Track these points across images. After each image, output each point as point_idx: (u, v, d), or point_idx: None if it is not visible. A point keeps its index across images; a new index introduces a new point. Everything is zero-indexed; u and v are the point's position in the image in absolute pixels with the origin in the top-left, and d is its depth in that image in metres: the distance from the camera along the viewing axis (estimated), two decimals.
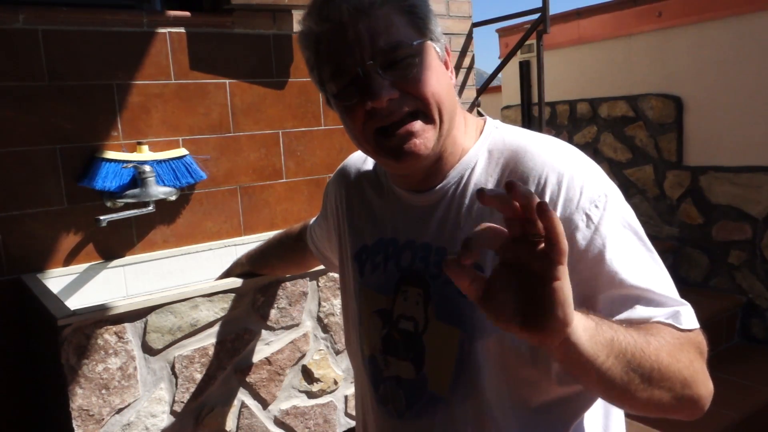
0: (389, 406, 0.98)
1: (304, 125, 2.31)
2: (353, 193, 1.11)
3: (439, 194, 0.95)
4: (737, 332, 3.33)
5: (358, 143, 0.93)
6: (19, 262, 1.80)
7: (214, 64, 2.10)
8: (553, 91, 4.02)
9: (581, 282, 0.80)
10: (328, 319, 1.68)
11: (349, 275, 1.08)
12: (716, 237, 3.41)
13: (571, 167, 0.87)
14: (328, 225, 1.22)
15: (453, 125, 0.92)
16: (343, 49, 0.84)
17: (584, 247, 0.82)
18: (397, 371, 0.97)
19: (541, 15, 3.30)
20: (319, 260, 1.36)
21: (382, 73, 0.84)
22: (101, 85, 1.91)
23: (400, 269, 0.97)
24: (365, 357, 1.04)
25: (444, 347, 0.91)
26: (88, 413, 1.36)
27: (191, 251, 2.08)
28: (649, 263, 0.85)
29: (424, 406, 0.94)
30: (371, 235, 1.04)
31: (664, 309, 0.81)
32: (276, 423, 1.62)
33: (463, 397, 0.90)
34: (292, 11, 2.22)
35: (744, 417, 2.60)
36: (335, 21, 0.84)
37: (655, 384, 0.74)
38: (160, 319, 1.43)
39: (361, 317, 1.04)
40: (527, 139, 0.93)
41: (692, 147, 3.50)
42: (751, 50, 3.18)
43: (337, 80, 0.87)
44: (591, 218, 0.83)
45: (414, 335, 0.94)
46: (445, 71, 0.91)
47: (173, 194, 2.00)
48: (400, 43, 0.84)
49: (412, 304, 0.95)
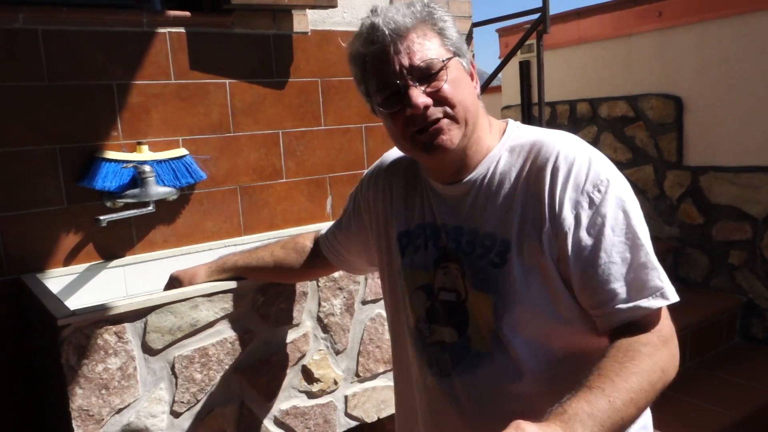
0: (434, 368, 1.15)
1: (304, 125, 2.31)
2: (394, 185, 1.26)
3: (468, 185, 1.12)
4: (737, 332, 3.33)
5: (398, 143, 1.12)
6: (18, 262, 1.80)
7: (214, 64, 2.10)
8: (553, 91, 4.02)
9: (580, 253, 0.99)
10: (328, 319, 1.68)
11: (393, 258, 1.24)
12: (716, 237, 3.41)
13: (580, 154, 1.04)
14: (360, 223, 1.36)
15: (477, 127, 1.09)
16: (387, 66, 1.04)
17: (586, 225, 1.00)
18: (440, 337, 1.14)
19: (541, 15, 3.30)
20: (338, 266, 1.48)
21: (418, 86, 1.03)
22: (101, 85, 1.91)
23: (438, 249, 1.14)
24: (410, 327, 1.20)
25: (483, 311, 1.08)
26: (88, 413, 1.36)
27: (191, 251, 2.08)
28: (627, 249, 0.99)
29: (468, 364, 1.11)
30: (411, 221, 1.21)
31: (623, 306, 0.97)
32: (276, 423, 1.62)
33: (502, 352, 1.07)
34: (292, 11, 2.23)
35: (744, 417, 2.60)
36: (379, 43, 1.04)
37: (637, 403, 0.89)
38: (160, 319, 1.43)
39: (405, 293, 1.20)
40: (544, 133, 1.11)
41: (692, 147, 3.50)
42: (752, 50, 3.18)
43: (381, 92, 1.06)
44: (593, 200, 1.00)
45: (457, 304, 1.11)
46: (470, 82, 1.10)
47: (173, 194, 2.00)
48: (432, 60, 1.03)
49: (453, 278, 1.12)
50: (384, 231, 1.27)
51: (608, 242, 0.98)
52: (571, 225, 0.99)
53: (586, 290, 1.00)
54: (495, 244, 1.06)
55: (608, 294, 0.98)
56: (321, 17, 2.32)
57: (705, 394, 2.74)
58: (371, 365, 1.77)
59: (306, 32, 2.28)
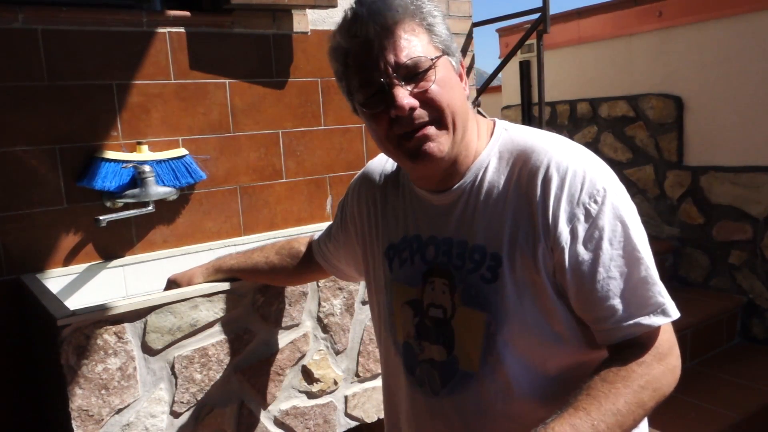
0: (425, 387, 1.10)
1: (304, 125, 2.31)
2: (377, 196, 1.21)
3: (456, 193, 1.05)
4: (737, 332, 3.32)
5: (382, 146, 1.04)
6: (18, 262, 1.80)
7: (214, 64, 2.10)
8: (553, 91, 4.02)
9: (578, 269, 0.94)
10: (328, 319, 1.68)
11: (379, 272, 1.19)
12: (717, 237, 3.41)
13: (573, 163, 0.96)
14: (347, 234, 1.30)
15: (466, 131, 1.02)
16: (370, 62, 0.95)
17: (583, 238, 0.95)
18: (430, 354, 1.08)
19: (541, 15, 3.30)
20: (330, 273, 1.44)
21: (404, 85, 0.95)
22: (101, 85, 1.91)
23: (426, 262, 1.09)
24: (399, 345, 1.15)
25: (471, 330, 1.02)
26: (88, 413, 1.35)
27: (191, 251, 2.08)
28: (626, 263, 0.95)
29: (456, 383, 1.05)
30: (396, 234, 1.15)
31: (623, 324, 0.94)
32: (276, 423, 1.62)
33: (491, 372, 1.02)
34: (292, 11, 2.23)
35: (744, 417, 2.59)
36: (363, 37, 0.95)
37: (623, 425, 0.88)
38: (159, 320, 1.43)
39: (393, 309, 1.15)
40: (534, 138, 1.03)
41: (693, 147, 3.50)
42: (752, 50, 3.18)
43: (364, 90, 0.98)
44: (590, 212, 0.94)
45: (443, 321, 1.06)
46: (459, 83, 1.02)
47: (173, 194, 2.00)
48: (420, 58, 0.95)
49: (439, 293, 1.06)
50: (369, 245, 1.22)
51: (606, 256, 0.94)
52: (567, 240, 0.94)
53: (585, 306, 0.97)
54: (485, 258, 1.00)
55: (607, 310, 0.95)
56: (321, 17, 2.32)
57: (705, 394, 2.74)
58: (371, 365, 1.77)
59: (306, 32, 2.28)
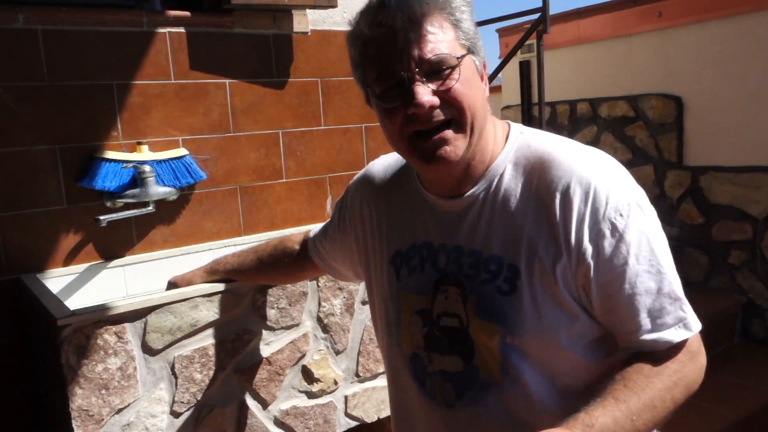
0: (438, 399, 1.06)
1: (304, 125, 2.31)
2: (380, 200, 1.16)
3: (470, 200, 1.02)
4: (737, 332, 3.33)
5: (393, 143, 1.00)
6: (18, 262, 1.80)
7: (214, 64, 2.10)
8: (553, 91, 4.02)
9: (605, 283, 0.93)
10: (328, 319, 1.68)
11: (384, 280, 1.13)
12: (716, 237, 3.41)
13: (597, 176, 0.94)
14: (344, 235, 1.26)
15: (483, 134, 0.99)
16: (392, 54, 0.91)
17: (609, 254, 0.92)
18: (441, 366, 1.04)
19: (541, 15, 3.31)
20: (326, 271, 1.41)
21: (425, 81, 0.91)
22: (101, 85, 1.91)
23: (438, 270, 1.04)
24: (406, 356, 1.10)
25: (487, 340, 0.99)
26: (88, 413, 1.35)
27: (191, 251, 2.08)
28: (651, 278, 0.94)
29: (476, 394, 1.02)
30: (404, 241, 1.10)
31: (647, 338, 0.94)
32: (276, 423, 1.62)
33: (513, 381, 0.99)
34: (292, 11, 2.22)
35: (744, 417, 2.59)
36: (388, 27, 0.91)
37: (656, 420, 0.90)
38: (159, 319, 1.43)
39: (400, 318, 1.10)
40: (552, 145, 1.00)
41: (692, 147, 3.50)
42: (752, 50, 3.18)
43: (381, 82, 0.94)
44: (616, 227, 0.92)
45: (460, 330, 1.02)
46: (481, 83, 0.98)
47: (173, 194, 2.00)
48: (445, 55, 0.91)
49: (453, 302, 1.02)
50: (372, 252, 1.17)
51: (632, 272, 0.92)
52: (592, 256, 0.92)
53: (609, 320, 0.96)
54: (502, 269, 0.97)
55: (632, 326, 0.94)
56: (321, 17, 2.32)
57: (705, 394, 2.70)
58: (371, 365, 1.77)
59: (306, 32, 2.28)
